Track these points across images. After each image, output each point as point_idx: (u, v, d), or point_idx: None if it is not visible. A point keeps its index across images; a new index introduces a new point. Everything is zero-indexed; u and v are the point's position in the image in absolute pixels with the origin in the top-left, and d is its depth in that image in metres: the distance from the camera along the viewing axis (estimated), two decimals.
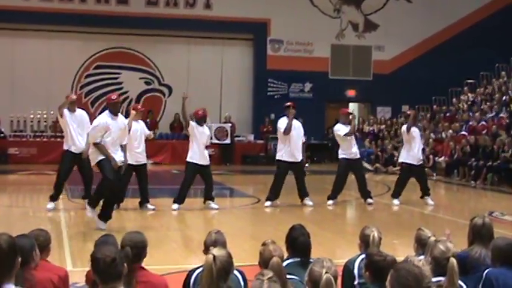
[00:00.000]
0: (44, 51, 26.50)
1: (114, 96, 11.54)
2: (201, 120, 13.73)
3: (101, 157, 10.81)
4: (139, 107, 14.24)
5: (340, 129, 14.87)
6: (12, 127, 25.46)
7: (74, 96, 13.55)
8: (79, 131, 13.01)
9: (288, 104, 14.68)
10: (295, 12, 28.22)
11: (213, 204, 13.70)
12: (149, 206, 13.47)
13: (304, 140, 14.59)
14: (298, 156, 14.21)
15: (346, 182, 15.02)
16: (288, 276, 4.70)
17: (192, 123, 13.55)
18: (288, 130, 14.06)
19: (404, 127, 15.38)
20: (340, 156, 14.99)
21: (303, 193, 14.54)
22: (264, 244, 5.15)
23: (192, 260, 8.31)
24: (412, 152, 14.91)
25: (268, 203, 14.25)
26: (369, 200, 14.90)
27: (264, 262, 4.90)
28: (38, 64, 26.23)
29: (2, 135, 24.97)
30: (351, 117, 15.34)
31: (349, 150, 14.78)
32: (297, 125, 14.37)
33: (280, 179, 14.34)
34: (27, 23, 26.20)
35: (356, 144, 15.04)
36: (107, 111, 11.21)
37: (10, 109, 25.36)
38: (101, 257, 4.06)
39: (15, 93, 25.98)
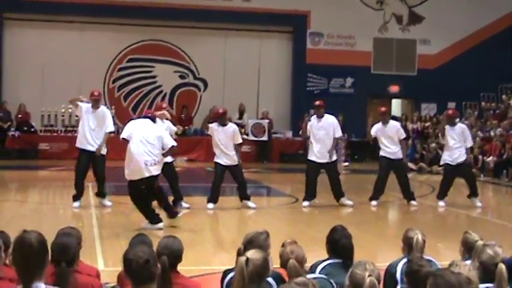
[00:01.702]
0: (75, 43, 26.74)
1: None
2: (221, 119, 13.71)
3: None
4: (164, 105, 14.30)
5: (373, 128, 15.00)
6: (43, 122, 25.73)
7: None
8: (97, 129, 13.13)
9: (316, 103, 14.64)
10: (337, 4, 28.12)
11: (249, 203, 13.72)
12: (184, 204, 13.51)
13: (340, 137, 14.47)
14: (326, 156, 14.15)
15: (386, 182, 14.91)
16: (313, 275, 4.67)
17: (212, 126, 13.64)
18: (302, 134, 14.24)
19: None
20: (380, 154, 14.95)
21: (337, 194, 14.50)
22: (283, 245, 5.11)
23: (226, 261, 8.34)
24: (450, 151, 14.83)
25: (305, 203, 14.28)
26: (413, 202, 14.81)
27: (283, 264, 4.87)
28: (69, 57, 26.47)
29: (32, 130, 25.28)
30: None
31: (389, 148, 14.68)
32: (326, 124, 14.27)
33: (309, 179, 14.38)
34: (58, 14, 26.47)
35: (398, 143, 14.86)
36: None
37: (41, 103, 25.63)
38: (134, 258, 4.08)
39: (46, 87, 26.26)
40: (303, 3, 28.00)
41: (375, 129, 15.04)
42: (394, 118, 20.36)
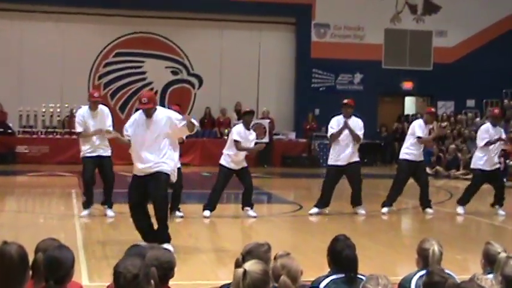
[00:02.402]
0: (57, 36, 26.71)
1: None
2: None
3: None
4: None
5: (416, 128, 14.85)
6: (21, 122, 25.69)
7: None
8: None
9: (345, 101, 14.59)
10: None
11: (250, 212, 13.72)
12: (178, 213, 13.53)
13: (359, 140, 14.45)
14: (346, 158, 14.18)
15: (404, 187, 14.88)
16: None
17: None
18: (334, 137, 14.24)
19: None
20: (401, 156, 14.91)
21: (354, 200, 14.55)
22: (274, 258, 4.95)
23: (223, 275, 8.31)
24: (488, 155, 14.76)
25: (313, 210, 14.27)
26: (429, 210, 14.79)
27: (275, 279, 4.72)
28: (50, 51, 26.44)
29: (9, 131, 25.23)
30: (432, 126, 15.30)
31: (413, 150, 14.68)
32: (353, 124, 14.32)
33: (327, 186, 14.41)
34: (38, 4, 26.44)
35: (421, 145, 14.85)
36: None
37: (18, 102, 25.60)
38: (123, 271, 4.07)
39: (24, 84, 26.18)
40: None
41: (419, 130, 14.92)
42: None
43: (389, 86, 28.80)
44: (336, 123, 14.36)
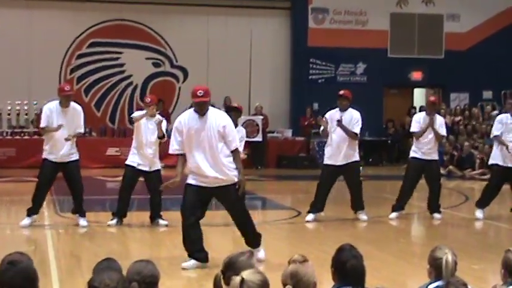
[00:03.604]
0: (22, 24, 26.61)
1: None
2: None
3: None
4: (148, 100, 14.28)
5: (412, 122, 14.98)
6: None
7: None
8: (65, 131, 13.16)
9: (341, 92, 14.64)
10: None
11: None
12: (161, 221, 13.55)
13: (357, 135, 14.44)
14: (342, 157, 14.20)
15: (414, 188, 14.86)
16: None
17: None
18: (324, 135, 14.46)
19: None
20: (410, 155, 14.93)
21: (355, 204, 14.58)
22: (289, 262, 4.97)
23: None
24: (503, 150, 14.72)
25: (309, 217, 14.32)
26: (436, 215, 14.76)
27: None
28: (17, 41, 26.38)
29: None
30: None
31: (422, 147, 14.66)
32: (346, 120, 14.31)
33: (321, 187, 14.46)
34: None
35: (435, 142, 14.78)
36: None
37: None
38: (99, 286, 4.06)
39: None
40: None
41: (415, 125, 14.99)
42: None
43: (396, 77, 28.86)
44: (329, 117, 14.40)
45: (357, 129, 14.30)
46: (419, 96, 30.67)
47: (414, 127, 14.78)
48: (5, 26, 26.45)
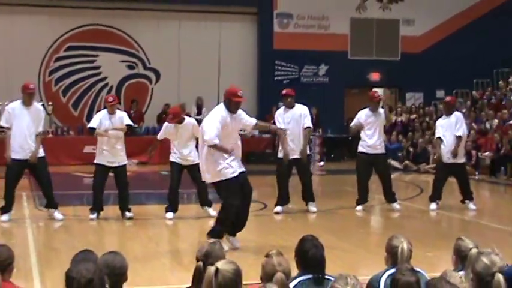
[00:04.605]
0: (2, 29, 26.41)
1: None
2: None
3: None
4: (110, 99, 14.18)
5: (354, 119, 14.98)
6: None
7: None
8: (33, 131, 13.06)
9: (283, 92, 14.72)
10: None
11: (210, 211, 13.75)
12: (128, 213, 13.49)
13: (309, 128, 14.42)
14: (295, 152, 14.23)
15: (367, 181, 14.93)
16: None
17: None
18: (272, 132, 14.47)
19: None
20: (358, 149, 14.99)
21: (306, 196, 14.60)
22: (267, 255, 5.17)
23: (185, 279, 8.29)
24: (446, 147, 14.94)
25: (276, 209, 14.36)
26: (395, 205, 14.85)
27: (267, 277, 4.93)
28: None
29: None
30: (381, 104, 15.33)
31: (367, 142, 14.70)
32: (295, 116, 14.34)
33: (280, 180, 14.48)
34: None
35: (380, 136, 14.84)
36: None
37: None
38: (76, 276, 4.05)
39: None
40: None
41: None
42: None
43: (356, 78, 28.94)
44: (278, 115, 14.55)
45: (307, 123, 14.32)
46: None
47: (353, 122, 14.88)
48: None
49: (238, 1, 28.02)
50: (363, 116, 15.05)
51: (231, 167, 10.64)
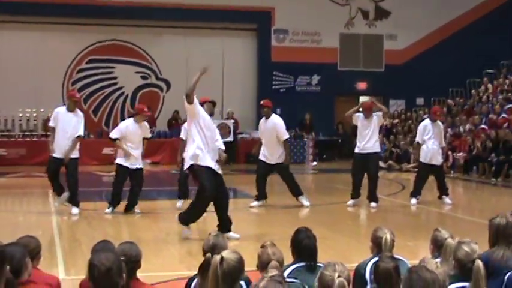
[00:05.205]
0: (32, 45, 26.46)
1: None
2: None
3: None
4: (145, 109, 14.26)
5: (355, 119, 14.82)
6: None
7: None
8: (70, 132, 13.12)
9: (261, 102, 14.94)
10: (301, 0, 28.20)
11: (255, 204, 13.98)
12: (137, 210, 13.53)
13: (283, 138, 14.35)
14: (272, 157, 14.22)
15: (360, 179, 14.79)
16: (288, 279, 4.71)
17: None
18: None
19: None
20: (355, 150, 14.90)
21: (294, 192, 14.58)
22: (262, 246, 5.18)
23: (193, 267, 8.30)
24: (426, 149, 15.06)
25: (253, 203, 14.52)
26: (372, 204, 14.68)
27: (262, 265, 4.94)
28: (26, 59, 26.18)
29: None
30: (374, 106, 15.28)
31: (360, 143, 14.63)
32: (269, 126, 14.36)
33: (258, 179, 14.57)
34: (14, 15, 26.17)
35: (372, 137, 14.52)
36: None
37: None
38: (97, 264, 4.05)
39: (1, 90, 25.83)
40: None
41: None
42: None
43: (344, 87, 28.91)
44: (259, 125, 14.80)
45: (284, 136, 14.30)
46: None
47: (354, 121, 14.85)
48: (16, 46, 26.30)
49: (240, 18, 28.00)
50: (356, 120, 14.83)
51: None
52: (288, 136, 14.64)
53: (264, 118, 14.66)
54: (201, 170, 10.57)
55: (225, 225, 10.79)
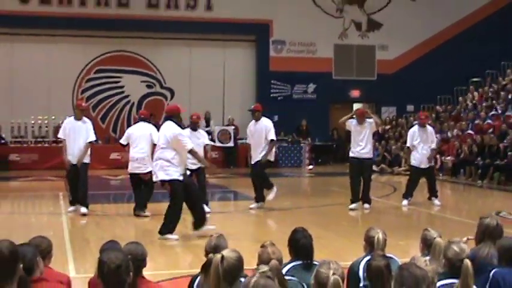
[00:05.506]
0: (43, 56, 26.48)
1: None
2: (194, 125, 13.86)
3: None
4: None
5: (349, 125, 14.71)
6: (13, 133, 25.50)
7: None
8: (80, 140, 13.18)
9: (252, 107, 15.10)
10: (298, 13, 28.23)
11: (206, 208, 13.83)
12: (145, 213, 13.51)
13: (271, 137, 14.33)
14: (255, 158, 14.26)
15: (358, 183, 14.64)
16: (287, 277, 4.71)
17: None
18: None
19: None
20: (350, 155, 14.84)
21: (257, 196, 14.55)
22: (262, 246, 5.17)
23: (196, 265, 8.31)
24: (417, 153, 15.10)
25: (252, 205, 14.51)
26: (366, 205, 14.63)
27: (262, 264, 4.91)
28: (38, 69, 26.22)
29: (2, 141, 25.00)
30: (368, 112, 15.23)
31: (354, 148, 14.58)
32: (259, 129, 14.34)
33: (252, 181, 14.64)
34: (26, 28, 26.21)
35: (367, 143, 14.40)
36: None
37: (10, 115, 25.41)
38: (107, 261, 4.06)
39: (15, 99, 25.97)
40: (265, 12, 28.08)
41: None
42: None
43: (339, 95, 28.92)
44: (248, 127, 14.86)
45: (270, 136, 14.26)
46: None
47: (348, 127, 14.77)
48: (29, 57, 26.32)
49: (240, 30, 28.02)
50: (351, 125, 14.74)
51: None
52: (275, 137, 14.54)
53: (253, 121, 14.61)
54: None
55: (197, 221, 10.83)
